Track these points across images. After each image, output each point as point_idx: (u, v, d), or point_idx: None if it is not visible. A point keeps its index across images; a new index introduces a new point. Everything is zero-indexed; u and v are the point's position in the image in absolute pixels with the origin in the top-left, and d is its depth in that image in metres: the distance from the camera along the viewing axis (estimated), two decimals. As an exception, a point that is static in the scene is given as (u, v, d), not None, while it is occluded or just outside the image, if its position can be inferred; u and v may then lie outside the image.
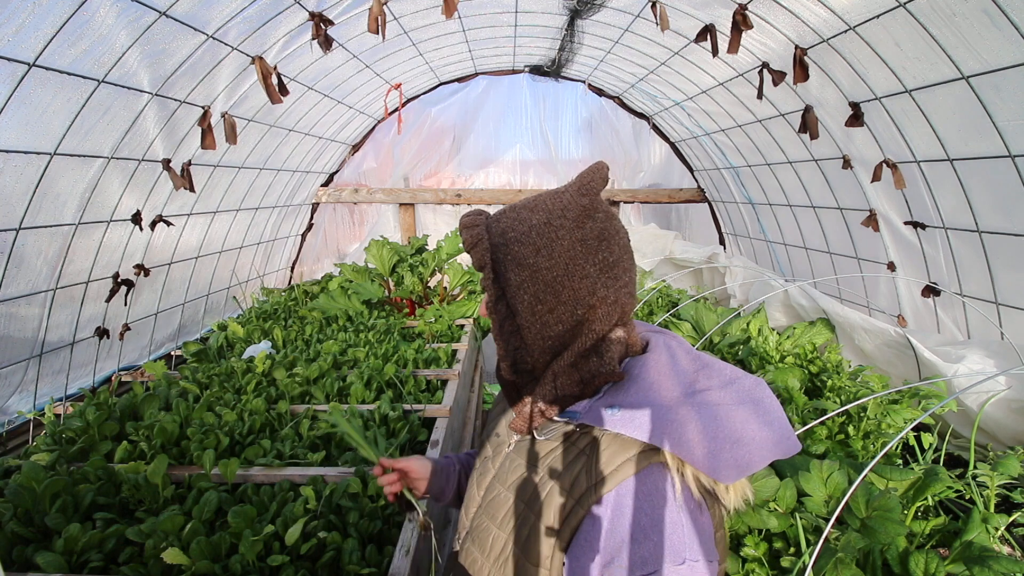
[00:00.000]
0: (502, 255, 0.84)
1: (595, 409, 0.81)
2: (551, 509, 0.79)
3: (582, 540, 0.76)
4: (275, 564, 1.44)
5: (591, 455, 0.79)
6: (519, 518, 0.83)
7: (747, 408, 0.76)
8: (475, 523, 0.92)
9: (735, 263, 4.79)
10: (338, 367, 2.96)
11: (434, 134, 6.38)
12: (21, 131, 2.33)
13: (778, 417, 0.77)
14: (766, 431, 0.75)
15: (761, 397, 0.78)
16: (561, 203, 0.85)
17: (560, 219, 0.83)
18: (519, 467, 0.88)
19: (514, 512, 0.84)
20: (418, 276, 4.46)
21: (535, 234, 0.83)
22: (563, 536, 0.77)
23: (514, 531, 0.83)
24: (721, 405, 0.76)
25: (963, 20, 2.24)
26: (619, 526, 0.73)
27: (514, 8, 4.33)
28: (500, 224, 0.86)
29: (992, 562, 1.30)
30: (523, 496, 0.84)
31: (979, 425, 2.39)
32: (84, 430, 2.12)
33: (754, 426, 0.74)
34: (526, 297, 0.83)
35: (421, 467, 1.17)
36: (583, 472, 0.78)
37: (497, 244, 0.85)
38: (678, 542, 0.71)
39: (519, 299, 0.83)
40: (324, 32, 2.98)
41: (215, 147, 3.23)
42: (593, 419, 0.80)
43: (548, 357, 0.85)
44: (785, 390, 2.34)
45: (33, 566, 1.44)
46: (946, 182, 2.84)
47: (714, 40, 3.19)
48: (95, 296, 3.28)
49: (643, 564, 0.70)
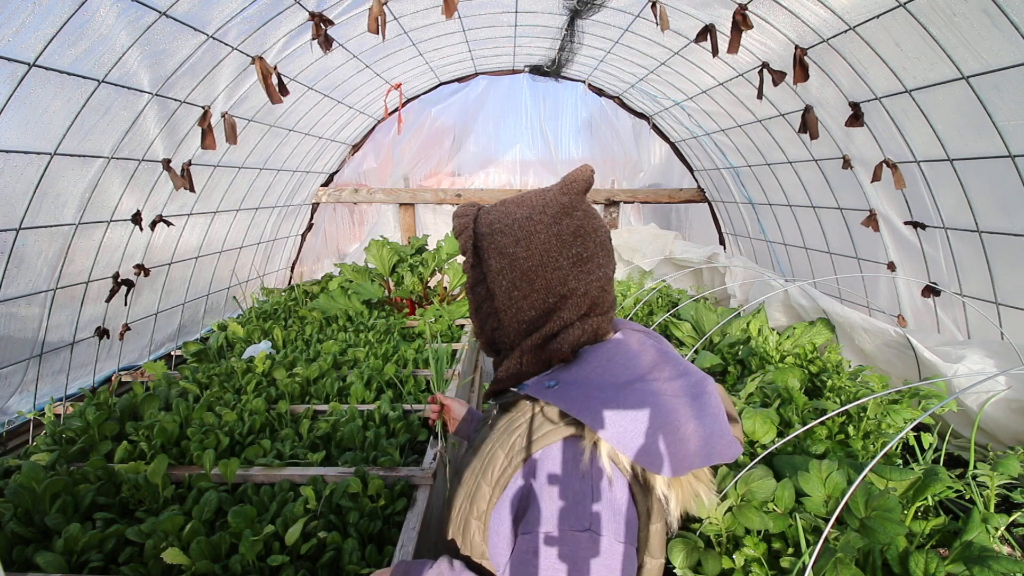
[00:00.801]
0: (486, 243, 0.94)
1: (538, 382, 0.90)
2: (492, 468, 0.87)
3: (506, 495, 0.84)
4: (275, 564, 1.44)
5: (527, 422, 0.87)
6: (476, 478, 0.90)
7: (684, 401, 0.78)
8: (455, 490, 1.00)
9: (735, 263, 4.79)
10: (338, 367, 2.96)
11: (434, 134, 6.38)
12: (21, 131, 2.33)
13: (714, 415, 0.78)
14: (695, 424, 0.76)
15: (701, 392, 0.80)
16: (543, 200, 0.93)
17: (540, 214, 0.91)
18: (484, 436, 0.98)
19: (471, 473, 0.92)
20: (418, 276, 4.46)
21: (517, 226, 0.91)
22: (496, 492, 0.85)
23: (470, 490, 0.90)
24: (661, 395, 0.78)
25: (963, 20, 2.24)
26: (533, 486, 0.80)
27: (514, 8, 4.33)
28: (489, 216, 0.96)
29: (992, 562, 1.29)
30: (481, 459, 0.92)
31: (979, 425, 2.39)
32: (84, 430, 2.12)
33: (687, 420, 0.76)
34: (504, 283, 0.92)
35: (459, 409, 1.46)
36: (520, 436, 0.86)
37: (483, 233, 0.95)
38: (582, 511, 0.75)
39: (497, 284, 0.93)
40: (324, 32, 2.98)
41: (215, 147, 3.23)
42: (533, 389, 0.88)
43: (520, 338, 0.95)
44: (785, 390, 2.34)
45: (33, 566, 1.44)
46: (946, 182, 2.84)
47: (714, 40, 3.19)
48: (95, 296, 3.28)
49: (544, 522, 0.76)
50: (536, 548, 0.75)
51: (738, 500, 1.58)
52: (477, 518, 0.87)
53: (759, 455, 1.84)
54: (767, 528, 1.52)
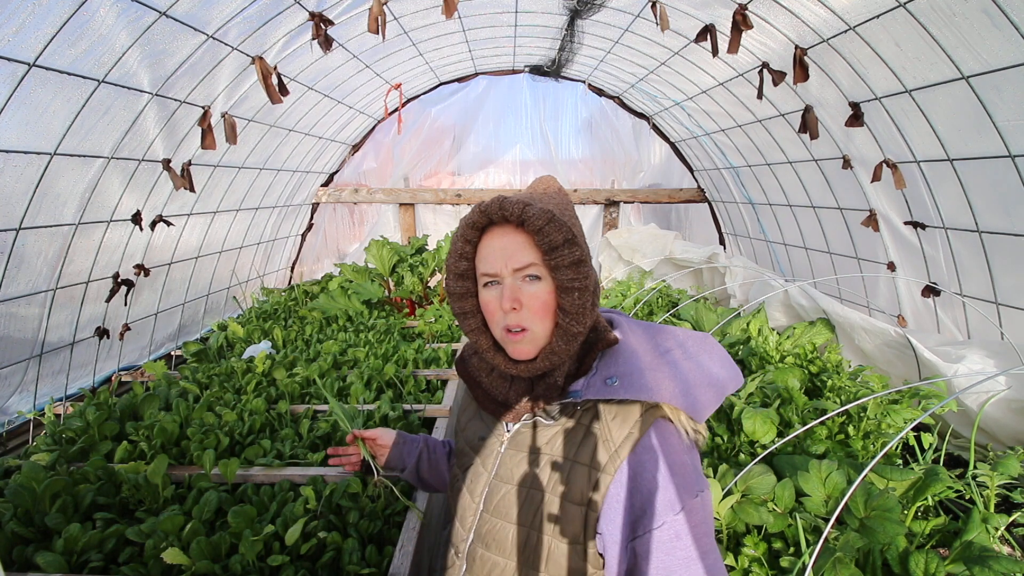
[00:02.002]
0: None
1: (594, 384, 0.87)
2: (577, 485, 0.83)
3: (613, 503, 0.80)
4: (275, 564, 1.44)
5: (602, 426, 0.85)
6: (536, 506, 0.86)
7: (704, 358, 0.88)
8: (483, 529, 0.91)
9: (735, 263, 4.79)
10: (338, 367, 2.96)
11: (434, 134, 6.38)
12: (21, 131, 2.33)
13: (728, 362, 0.90)
14: (724, 372, 0.88)
15: (711, 347, 0.90)
16: (561, 201, 0.93)
17: (567, 210, 0.92)
18: (522, 460, 0.90)
19: (528, 502, 0.87)
20: (418, 276, 4.46)
21: (566, 219, 0.88)
22: (594, 506, 0.81)
23: (535, 519, 0.85)
24: (685, 359, 0.87)
25: (963, 20, 2.24)
26: (644, 480, 0.79)
27: (514, 8, 4.33)
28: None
29: (992, 562, 1.30)
30: (537, 484, 0.87)
31: (979, 425, 2.39)
32: (84, 430, 2.12)
33: (709, 371, 0.87)
34: (576, 283, 0.87)
35: (385, 436, 1.33)
36: (600, 443, 0.84)
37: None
38: (691, 479, 0.80)
39: (569, 284, 0.87)
40: (324, 32, 2.98)
41: (215, 147, 3.23)
42: (595, 393, 0.86)
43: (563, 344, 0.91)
44: (785, 390, 2.34)
45: (33, 566, 1.44)
46: (946, 182, 2.84)
47: (714, 40, 3.19)
48: (95, 296, 3.28)
49: (671, 506, 0.77)
50: (676, 533, 0.77)
51: (739, 496, 1.58)
52: (573, 542, 0.82)
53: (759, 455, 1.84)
54: (766, 524, 1.52)
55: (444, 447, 1.32)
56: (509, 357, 0.92)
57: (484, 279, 0.91)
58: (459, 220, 0.96)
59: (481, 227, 0.90)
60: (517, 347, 0.89)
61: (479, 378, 1.00)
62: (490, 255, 0.89)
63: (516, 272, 0.87)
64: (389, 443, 1.32)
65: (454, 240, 0.93)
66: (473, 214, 0.90)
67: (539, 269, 0.87)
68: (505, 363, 0.92)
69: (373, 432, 1.34)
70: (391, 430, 1.34)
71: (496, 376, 0.98)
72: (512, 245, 0.87)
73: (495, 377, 0.98)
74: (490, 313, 0.91)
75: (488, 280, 0.90)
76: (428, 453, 1.30)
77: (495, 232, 0.89)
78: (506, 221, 0.88)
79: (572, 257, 0.85)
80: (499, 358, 0.93)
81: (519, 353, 0.90)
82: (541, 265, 0.87)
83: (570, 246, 0.85)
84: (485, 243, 0.90)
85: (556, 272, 0.86)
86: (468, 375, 1.03)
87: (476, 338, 0.95)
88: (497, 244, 0.88)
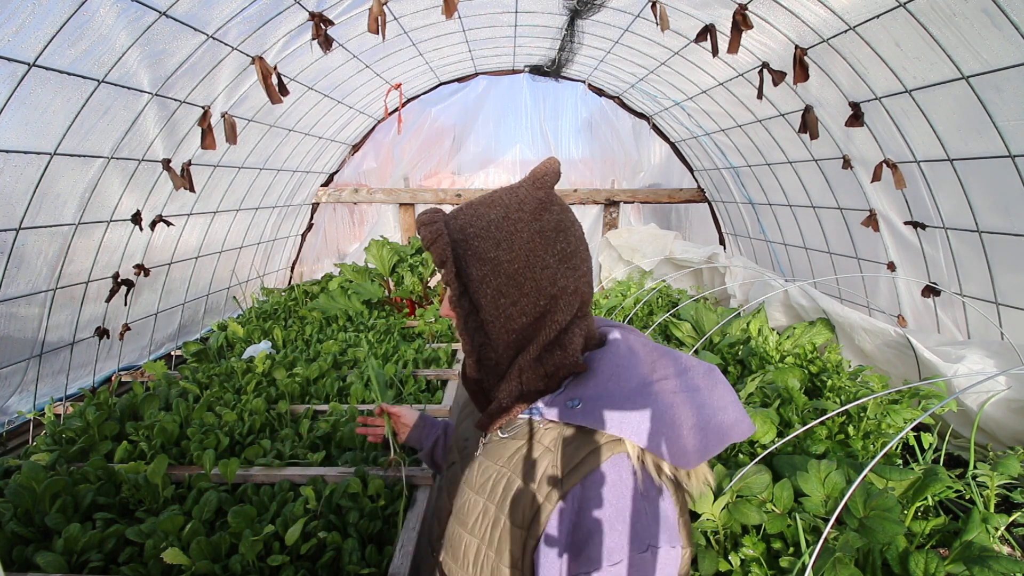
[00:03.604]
0: (462, 251, 0.84)
1: (557, 403, 0.82)
2: (520, 507, 0.78)
3: (551, 534, 0.75)
4: (275, 564, 1.44)
5: (556, 450, 0.79)
6: (490, 520, 0.82)
7: (702, 395, 0.78)
8: (448, 532, 0.89)
9: (735, 263, 4.79)
10: (338, 367, 2.96)
11: (434, 134, 6.38)
12: (21, 131, 2.33)
13: (732, 402, 0.79)
14: (720, 416, 0.77)
15: (714, 384, 0.80)
16: (517, 197, 0.86)
17: (517, 212, 0.84)
18: (487, 469, 0.87)
19: (484, 515, 0.83)
20: (418, 276, 4.46)
21: (494, 228, 0.83)
22: (533, 533, 0.76)
23: (487, 534, 0.81)
24: (677, 393, 0.78)
25: (963, 20, 2.24)
26: (585, 519, 0.73)
27: (514, 8, 4.33)
28: (458, 220, 0.87)
29: (992, 562, 1.29)
30: (493, 498, 0.83)
31: (979, 425, 2.39)
32: (84, 430, 2.12)
33: (708, 412, 0.77)
34: (488, 291, 0.83)
35: (409, 415, 1.42)
36: (549, 467, 0.78)
37: (457, 240, 0.85)
38: (643, 530, 0.72)
39: (482, 293, 0.83)
40: (324, 32, 2.99)
41: (215, 147, 3.23)
42: (556, 414, 0.81)
43: (513, 352, 0.86)
44: (785, 390, 2.34)
45: (33, 566, 1.44)
46: (946, 182, 2.84)
47: (714, 40, 3.19)
48: (95, 296, 3.28)
49: (609, 555, 0.70)
50: None
51: (733, 497, 1.58)
52: (512, 566, 0.78)
53: (759, 455, 1.84)
54: (764, 523, 1.52)
55: None
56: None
57: None
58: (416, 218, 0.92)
59: None
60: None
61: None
62: None
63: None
64: (411, 423, 1.40)
65: None
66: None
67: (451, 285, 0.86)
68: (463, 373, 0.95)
69: (399, 409, 1.44)
70: (415, 410, 1.43)
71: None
72: None
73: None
74: None
75: None
76: (445, 440, 1.36)
77: None
78: None
79: (447, 278, 0.85)
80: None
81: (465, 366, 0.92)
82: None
83: (442, 267, 0.84)
84: None
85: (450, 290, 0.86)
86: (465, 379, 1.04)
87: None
88: None
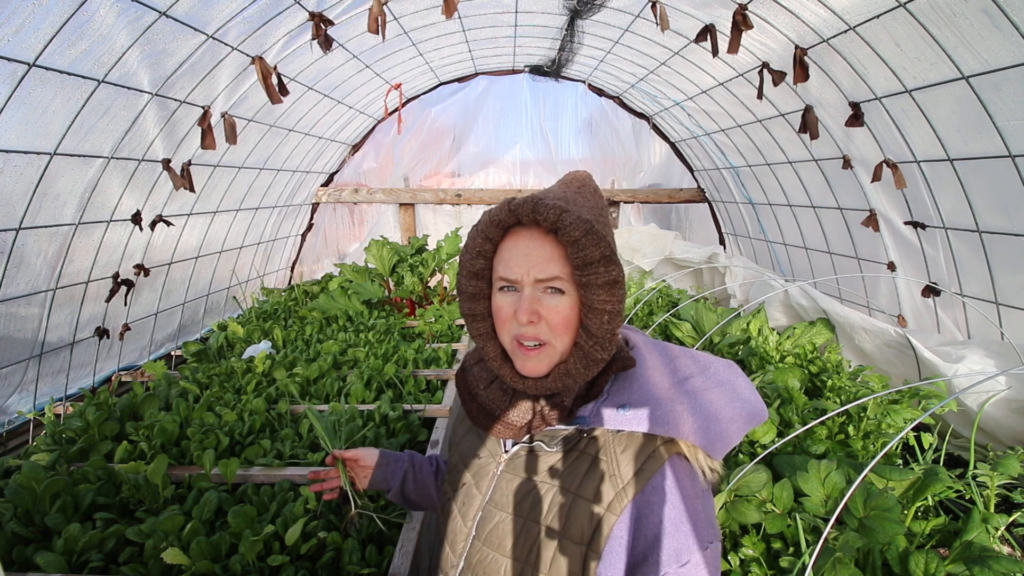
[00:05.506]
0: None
1: (604, 411, 0.79)
2: (578, 522, 0.75)
3: (615, 546, 0.72)
4: (275, 564, 1.44)
5: (609, 459, 0.77)
6: (535, 540, 0.78)
7: (726, 389, 0.81)
8: (474, 559, 0.84)
9: (735, 263, 4.79)
10: (338, 367, 2.96)
11: (434, 134, 6.38)
12: (21, 131, 2.33)
13: (753, 390, 0.83)
14: (746, 407, 0.80)
15: (735, 377, 0.83)
16: (597, 205, 0.84)
17: (604, 218, 0.83)
18: (520, 487, 0.82)
19: (528, 536, 0.79)
20: (418, 276, 4.46)
21: (604, 231, 0.78)
22: (595, 548, 0.73)
23: (531, 555, 0.78)
24: (706, 390, 0.80)
25: (963, 20, 2.24)
26: (651, 524, 0.72)
27: (514, 8, 4.33)
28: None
29: (992, 562, 1.30)
30: (536, 517, 0.79)
31: (979, 425, 2.39)
32: (84, 430, 2.12)
33: (737, 404, 0.80)
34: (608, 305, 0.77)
35: (368, 456, 1.20)
36: (607, 477, 0.75)
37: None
38: (704, 527, 0.72)
39: (600, 305, 0.77)
40: (324, 32, 2.98)
41: (215, 147, 3.23)
42: (605, 421, 0.78)
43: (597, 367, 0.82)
44: (785, 390, 2.34)
45: (33, 566, 1.44)
46: (946, 182, 2.84)
47: (714, 40, 3.19)
48: (95, 296, 3.28)
49: (678, 556, 0.70)
50: None
51: (731, 496, 1.58)
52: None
53: (759, 455, 1.84)
54: (763, 523, 1.52)
55: (431, 464, 1.23)
56: (516, 370, 0.83)
57: (500, 282, 0.81)
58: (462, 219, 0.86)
59: (506, 226, 0.80)
60: (528, 363, 0.80)
61: (476, 390, 0.91)
62: (512, 259, 0.79)
63: (538, 283, 0.78)
64: (372, 464, 1.19)
65: (473, 235, 0.83)
66: (500, 211, 0.79)
67: (565, 284, 0.77)
68: (511, 376, 0.83)
69: (355, 452, 1.21)
70: (374, 449, 1.22)
71: (496, 388, 0.89)
72: (539, 253, 0.77)
73: (494, 389, 0.89)
74: (501, 319, 0.82)
75: (504, 284, 0.81)
76: (414, 472, 1.20)
77: (521, 234, 0.79)
78: (537, 225, 0.77)
79: (608, 277, 0.75)
80: (505, 369, 0.84)
81: (530, 369, 0.80)
82: (568, 280, 0.77)
83: (606, 264, 0.75)
84: (508, 244, 0.80)
85: (586, 290, 0.76)
86: (465, 386, 0.94)
87: (483, 343, 0.86)
88: (522, 248, 0.78)
